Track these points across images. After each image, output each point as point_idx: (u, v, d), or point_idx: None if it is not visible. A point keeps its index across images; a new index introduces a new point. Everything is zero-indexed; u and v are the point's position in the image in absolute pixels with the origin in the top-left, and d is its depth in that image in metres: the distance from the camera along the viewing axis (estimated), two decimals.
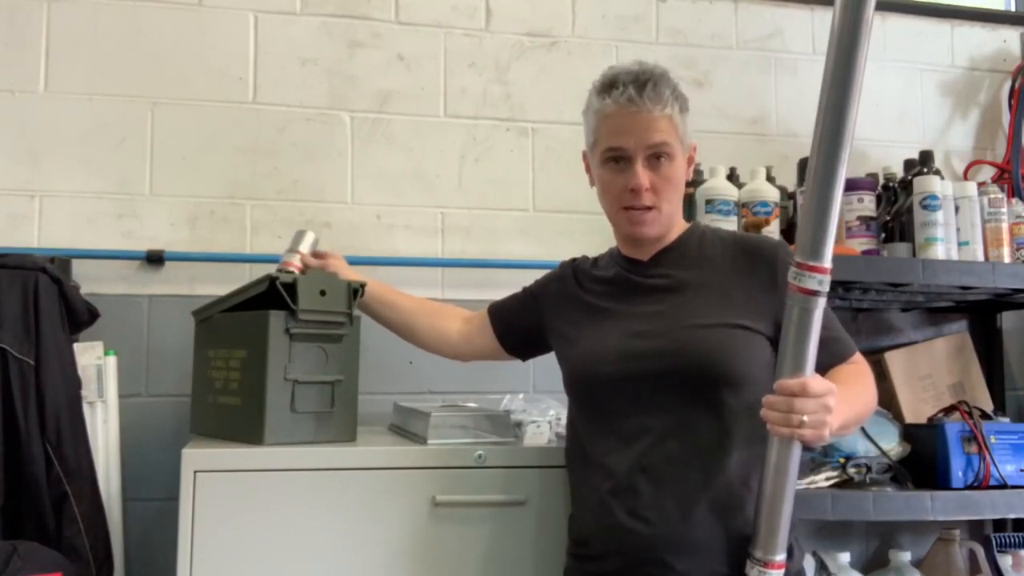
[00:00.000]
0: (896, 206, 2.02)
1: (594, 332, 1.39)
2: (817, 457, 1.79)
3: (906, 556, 2.00)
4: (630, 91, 1.30)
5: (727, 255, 1.37)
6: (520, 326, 1.58)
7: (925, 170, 2.02)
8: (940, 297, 2.09)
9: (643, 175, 1.32)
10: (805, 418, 1.10)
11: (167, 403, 1.89)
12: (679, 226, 1.43)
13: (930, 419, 1.92)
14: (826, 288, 1.11)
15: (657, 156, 1.32)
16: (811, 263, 1.11)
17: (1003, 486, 1.78)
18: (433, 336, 1.64)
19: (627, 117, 1.31)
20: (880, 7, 2.35)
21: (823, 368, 1.27)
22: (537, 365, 1.67)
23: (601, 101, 1.34)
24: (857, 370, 1.34)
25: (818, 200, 1.09)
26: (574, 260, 1.55)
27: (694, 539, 1.24)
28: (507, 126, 2.14)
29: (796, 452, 1.17)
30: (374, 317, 1.66)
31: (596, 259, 1.52)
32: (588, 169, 1.45)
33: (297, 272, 1.62)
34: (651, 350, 1.30)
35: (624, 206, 1.35)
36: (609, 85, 1.33)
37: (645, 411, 1.29)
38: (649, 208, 1.34)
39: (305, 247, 1.68)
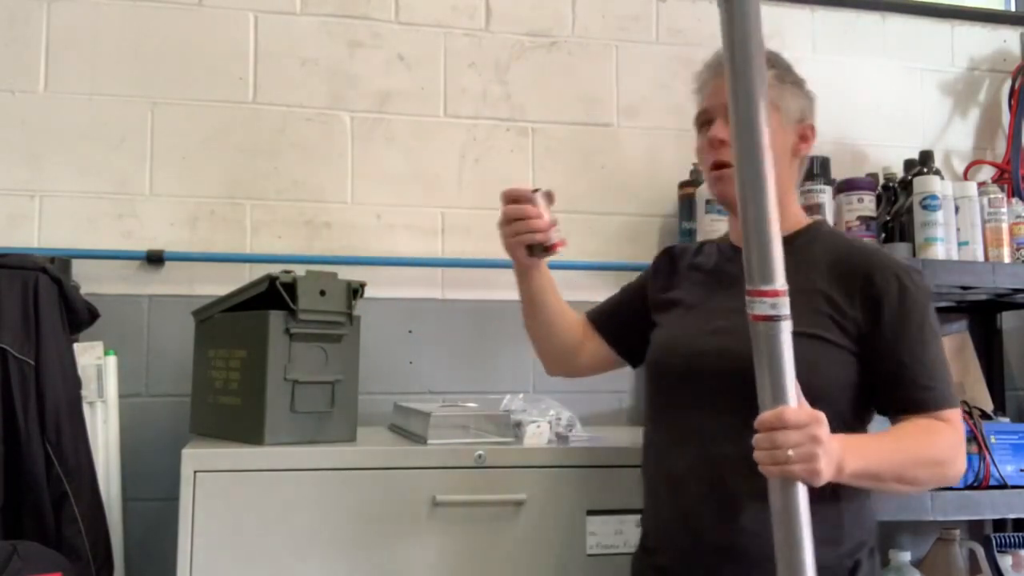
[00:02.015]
0: (896, 206, 2.02)
1: (675, 322, 1.36)
2: None
3: (906, 556, 2.00)
4: (717, 57, 1.30)
5: (828, 260, 1.28)
6: (630, 322, 1.49)
7: (925, 170, 2.02)
8: (940, 297, 2.09)
9: (720, 128, 1.28)
10: (791, 452, 1.00)
11: (167, 403, 1.89)
12: (793, 221, 1.34)
13: None
14: (783, 310, 1.01)
15: None
16: (760, 288, 1.01)
17: (1003, 486, 1.77)
18: (568, 340, 1.51)
19: (713, 82, 1.32)
20: (880, 7, 2.37)
21: (901, 413, 1.21)
22: (537, 365, 1.67)
23: (699, 75, 1.36)
24: (931, 426, 1.19)
25: (752, 222, 1.01)
26: (671, 248, 1.51)
27: (741, 547, 1.20)
28: (507, 126, 2.14)
29: (800, 494, 1.02)
30: (534, 289, 1.48)
31: (701, 244, 1.48)
32: None
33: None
34: (719, 348, 1.24)
35: (709, 167, 1.33)
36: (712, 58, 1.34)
37: (705, 410, 1.24)
38: (729, 164, 1.26)
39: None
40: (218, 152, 1.99)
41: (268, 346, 1.49)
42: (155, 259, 1.91)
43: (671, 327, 1.37)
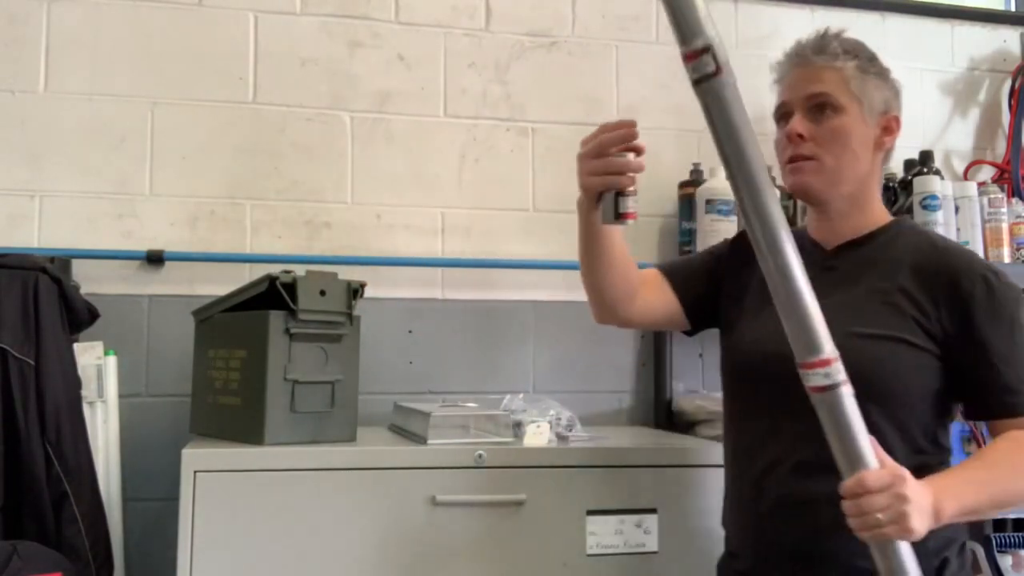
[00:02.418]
0: (896, 206, 2.02)
1: (754, 319, 1.31)
2: None
3: None
4: (799, 46, 1.28)
5: (913, 260, 1.23)
6: (702, 287, 1.42)
7: (925, 170, 2.02)
8: None
9: (799, 123, 1.25)
10: (880, 516, 0.97)
11: (167, 403, 1.89)
12: (875, 217, 1.30)
13: None
14: (839, 376, 0.98)
15: (820, 107, 1.24)
16: (810, 360, 0.99)
17: None
18: (627, 284, 1.36)
19: (793, 72, 1.29)
20: (880, 7, 2.37)
21: (989, 418, 1.19)
22: (537, 365, 1.68)
23: (777, 63, 1.33)
24: (1020, 439, 1.15)
25: (785, 297, 0.99)
26: (745, 233, 1.40)
27: (820, 553, 1.17)
28: (507, 126, 2.14)
29: (902, 550, 1.00)
30: (599, 226, 1.30)
31: None
32: None
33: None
34: None
35: (787, 158, 1.28)
36: (790, 48, 1.31)
37: (788, 413, 1.18)
38: (808, 158, 1.25)
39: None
40: (218, 152, 1.99)
41: (268, 346, 1.49)
42: (155, 259, 1.91)
43: (754, 326, 1.31)
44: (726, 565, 1.35)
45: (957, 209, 1.96)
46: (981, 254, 1.96)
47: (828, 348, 0.99)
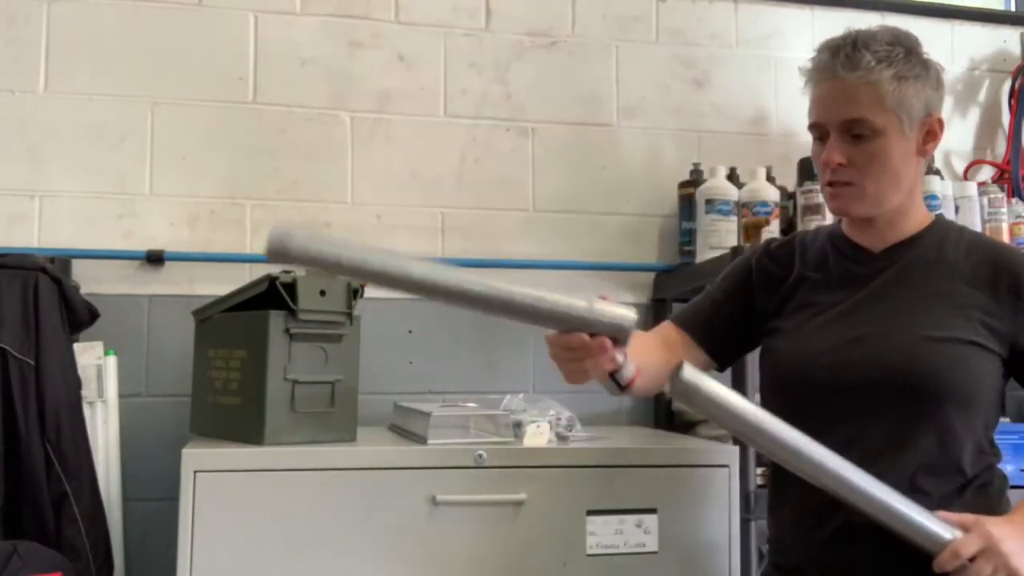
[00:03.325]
0: None
1: (805, 327, 1.25)
2: None
3: None
4: (824, 57, 1.20)
5: (970, 261, 1.21)
6: (730, 328, 1.35)
7: (925, 170, 2.02)
8: None
9: (836, 150, 1.18)
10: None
11: (167, 403, 1.89)
12: (919, 219, 1.26)
13: None
14: None
15: (855, 132, 1.18)
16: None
17: None
18: (657, 376, 1.28)
19: (822, 86, 1.21)
20: (880, 7, 2.37)
21: None
22: (537, 365, 1.67)
23: (807, 72, 1.24)
24: None
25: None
26: (768, 244, 1.39)
27: (898, 565, 1.13)
28: (507, 126, 2.14)
29: None
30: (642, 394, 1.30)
31: (802, 237, 1.36)
32: None
33: None
34: (871, 358, 1.17)
35: (826, 181, 1.22)
36: (816, 53, 1.24)
37: (857, 424, 1.16)
38: (848, 184, 1.20)
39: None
40: (218, 152, 1.99)
41: (268, 346, 1.49)
42: (155, 259, 1.91)
43: (801, 332, 1.26)
44: None
45: (957, 209, 1.96)
46: None
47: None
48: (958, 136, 2.41)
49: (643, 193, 2.19)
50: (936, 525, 1.05)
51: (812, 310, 1.26)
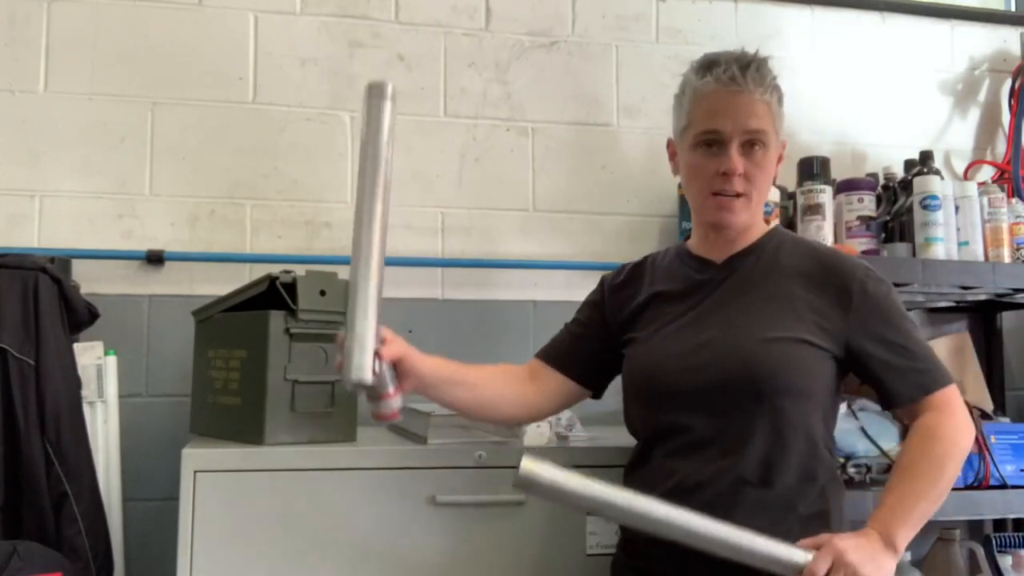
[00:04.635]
0: (896, 206, 2.02)
1: (656, 336, 1.35)
2: None
3: (906, 556, 1.99)
4: (733, 70, 1.25)
5: (803, 266, 1.31)
6: (592, 355, 1.45)
7: (925, 170, 2.02)
8: (940, 297, 2.09)
9: (737, 160, 1.26)
10: None
11: (167, 403, 1.89)
12: (758, 228, 1.37)
13: None
14: None
15: (752, 143, 1.27)
16: None
17: (1003, 486, 1.77)
18: (520, 405, 1.44)
19: (727, 97, 1.26)
20: (880, 7, 2.37)
21: (906, 402, 1.27)
22: None
23: (700, 80, 1.28)
24: (928, 433, 1.24)
25: None
26: (618, 273, 1.48)
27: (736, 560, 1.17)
28: (507, 126, 2.14)
29: None
30: (444, 402, 1.39)
31: (651, 258, 1.46)
32: (672, 156, 1.40)
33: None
34: (714, 361, 1.26)
35: (714, 191, 1.29)
36: (710, 64, 1.28)
37: (706, 422, 1.26)
38: (739, 195, 1.28)
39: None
40: (218, 152, 1.99)
41: (268, 346, 1.49)
42: (155, 259, 1.91)
43: (655, 344, 1.34)
44: (625, 564, 1.36)
45: (957, 209, 1.96)
46: (981, 254, 1.95)
47: None
48: (958, 136, 2.41)
49: (643, 193, 2.19)
50: (790, 552, 1.13)
51: (663, 320, 1.36)
